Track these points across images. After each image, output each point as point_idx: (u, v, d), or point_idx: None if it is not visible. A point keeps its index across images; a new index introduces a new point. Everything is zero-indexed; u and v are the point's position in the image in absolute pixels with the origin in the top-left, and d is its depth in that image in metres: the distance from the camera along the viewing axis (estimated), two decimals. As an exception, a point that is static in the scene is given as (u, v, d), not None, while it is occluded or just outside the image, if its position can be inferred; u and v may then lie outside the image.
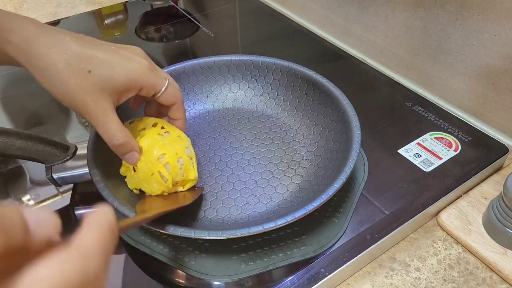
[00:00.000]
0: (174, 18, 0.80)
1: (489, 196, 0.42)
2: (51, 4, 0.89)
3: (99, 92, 0.32)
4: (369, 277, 0.37)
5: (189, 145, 0.39)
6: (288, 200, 0.40)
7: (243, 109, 0.51)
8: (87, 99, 0.32)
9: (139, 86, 0.35)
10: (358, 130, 0.40)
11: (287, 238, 0.37)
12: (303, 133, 0.47)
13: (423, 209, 0.40)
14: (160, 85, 0.36)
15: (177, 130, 0.39)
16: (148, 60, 0.36)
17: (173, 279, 0.36)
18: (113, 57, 0.33)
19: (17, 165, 0.50)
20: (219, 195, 0.41)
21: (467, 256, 0.39)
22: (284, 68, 0.49)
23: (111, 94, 0.33)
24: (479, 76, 0.51)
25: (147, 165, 0.36)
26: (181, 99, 0.39)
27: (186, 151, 0.37)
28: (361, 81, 0.60)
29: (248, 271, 0.35)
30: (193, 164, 0.38)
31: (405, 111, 0.53)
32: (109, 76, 0.32)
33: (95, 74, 0.32)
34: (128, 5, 0.86)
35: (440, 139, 0.48)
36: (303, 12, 0.76)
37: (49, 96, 0.33)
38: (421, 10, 0.54)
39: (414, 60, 0.58)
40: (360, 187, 0.42)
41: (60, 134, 0.54)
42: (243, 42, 0.72)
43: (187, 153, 0.38)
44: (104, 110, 0.33)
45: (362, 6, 0.63)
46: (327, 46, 0.68)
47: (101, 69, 0.32)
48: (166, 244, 0.37)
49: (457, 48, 0.52)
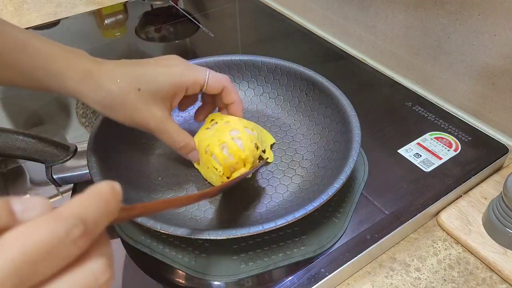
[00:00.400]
0: (174, 18, 0.80)
1: (489, 196, 0.42)
2: (51, 4, 0.89)
3: (152, 105, 0.36)
4: (369, 277, 0.37)
5: (238, 126, 0.39)
6: (288, 200, 0.40)
7: (243, 109, 0.51)
8: (144, 114, 0.36)
9: (184, 87, 0.37)
10: (358, 130, 0.40)
11: (287, 238, 0.37)
12: (303, 133, 0.47)
13: (423, 209, 0.40)
14: (203, 78, 0.38)
15: (226, 117, 0.41)
16: (184, 62, 0.39)
17: (173, 279, 0.36)
18: (154, 70, 0.36)
19: (17, 165, 0.50)
20: (219, 195, 0.41)
21: (467, 256, 0.39)
22: (284, 68, 0.49)
23: (163, 103, 0.36)
24: (479, 76, 0.51)
25: (202, 161, 0.39)
26: (228, 81, 0.40)
27: (231, 134, 0.38)
28: (361, 81, 0.60)
29: (248, 271, 0.35)
30: (243, 144, 0.38)
31: (405, 111, 0.53)
32: (156, 87, 0.36)
33: (145, 90, 0.35)
34: (128, 5, 0.86)
35: (440, 139, 0.48)
36: (303, 12, 0.76)
37: (49, 96, 0.33)
38: (421, 10, 0.54)
39: (414, 60, 0.58)
40: (360, 187, 0.42)
41: (60, 134, 0.54)
42: (243, 42, 0.72)
43: (233, 135, 0.38)
44: (162, 120, 0.36)
45: (362, 6, 0.63)
46: (327, 46, 0.68)
47: (148, 84, 0.35)
48: (166, 244, 0.37)
49: (457, 48, 0.52)
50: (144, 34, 0.76)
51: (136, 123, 0.36)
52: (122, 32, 0.79)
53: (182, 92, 0.38)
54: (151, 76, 0.36)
